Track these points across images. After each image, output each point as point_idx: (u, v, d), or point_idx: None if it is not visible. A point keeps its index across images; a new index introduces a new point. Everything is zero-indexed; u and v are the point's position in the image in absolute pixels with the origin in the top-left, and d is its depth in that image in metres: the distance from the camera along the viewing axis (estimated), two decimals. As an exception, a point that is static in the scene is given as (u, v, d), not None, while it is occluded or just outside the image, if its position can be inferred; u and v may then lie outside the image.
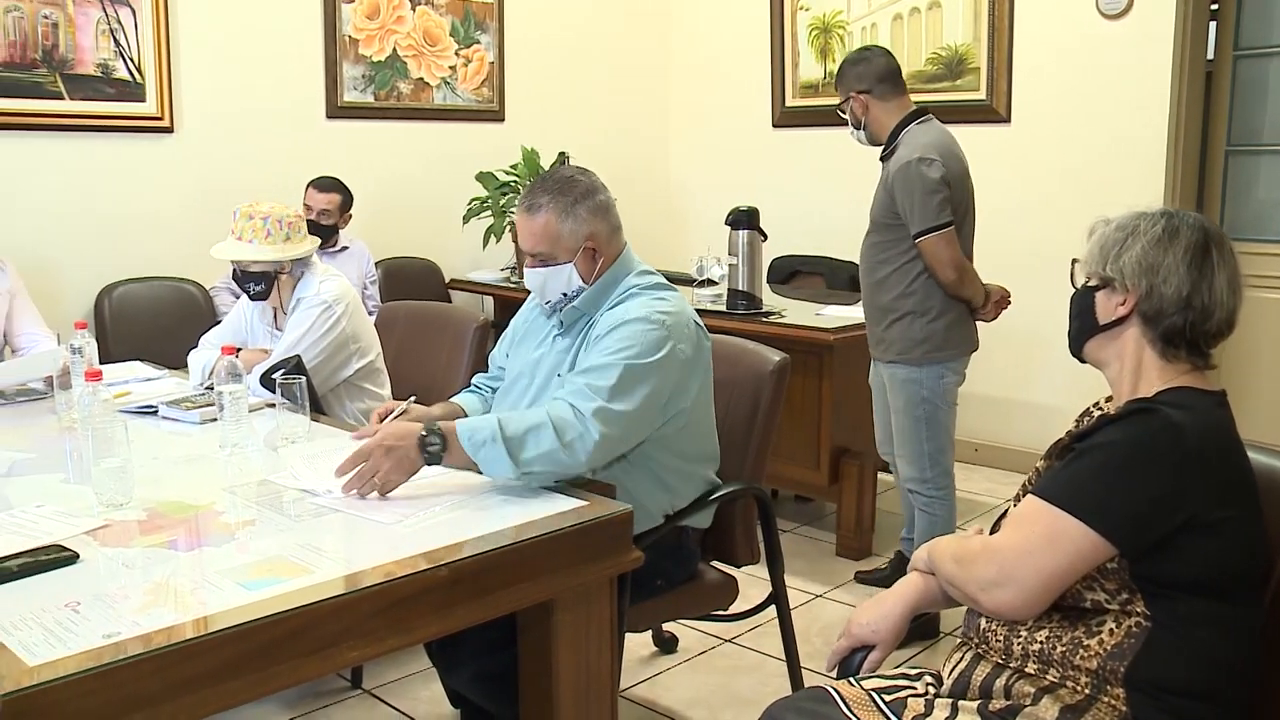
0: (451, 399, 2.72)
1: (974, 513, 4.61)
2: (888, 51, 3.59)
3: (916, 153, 3.31)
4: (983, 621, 1.77)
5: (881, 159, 3.50)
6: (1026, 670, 1.68)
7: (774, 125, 6.06)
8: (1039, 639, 1.68)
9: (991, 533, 1.82)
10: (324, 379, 3.19)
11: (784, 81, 5.97)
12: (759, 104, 6.08)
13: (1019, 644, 1.70)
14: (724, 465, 2.63)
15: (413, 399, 2.54)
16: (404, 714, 3.04)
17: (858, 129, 3.51)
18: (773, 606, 2.79)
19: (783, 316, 4.17)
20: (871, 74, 3.47)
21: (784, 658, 2.90)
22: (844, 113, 3.54)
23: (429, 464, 2.17)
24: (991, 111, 5.16)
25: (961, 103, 5.22)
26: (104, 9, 4.42)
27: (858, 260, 3.59)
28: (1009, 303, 3.66)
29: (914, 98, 3.58)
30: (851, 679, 1.84)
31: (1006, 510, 1.84)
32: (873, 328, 3.56)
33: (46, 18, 4.29)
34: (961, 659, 1.79)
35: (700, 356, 2.46)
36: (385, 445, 2.14)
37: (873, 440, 3.82)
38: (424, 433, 2.15)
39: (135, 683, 1.49)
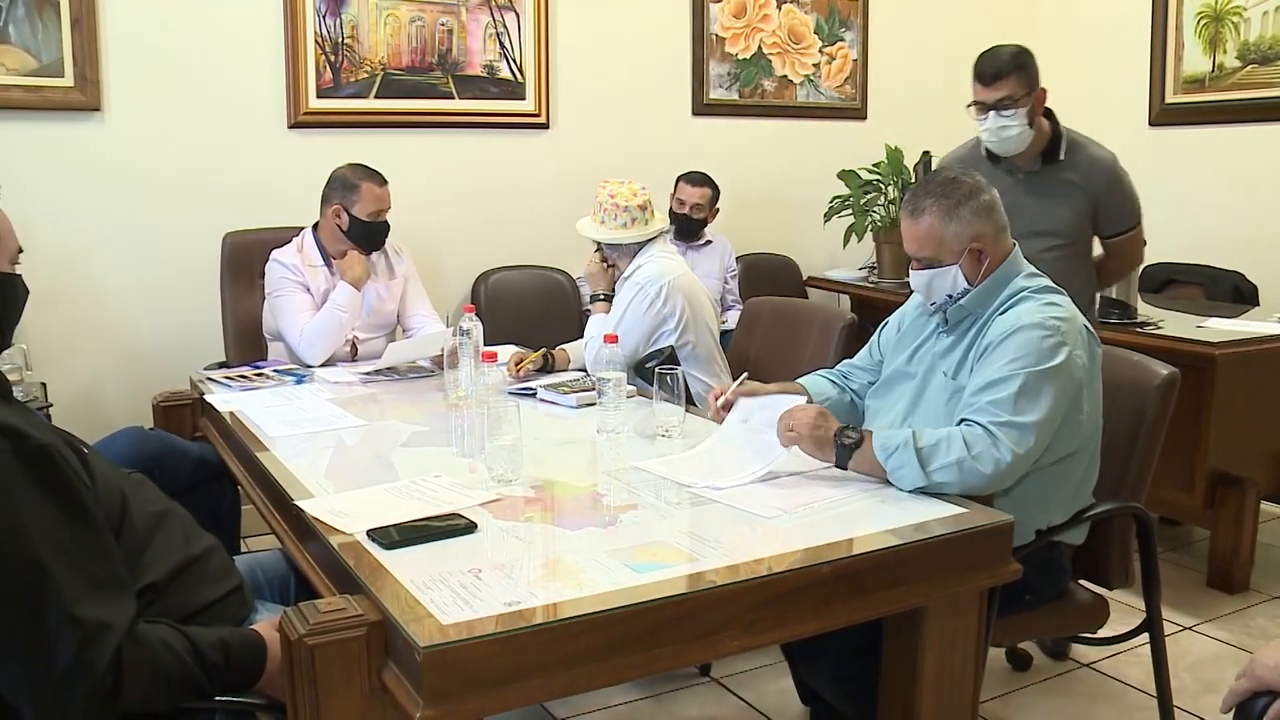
0: (798, 379, 2.73)
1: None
2: None
3: (1105, 151, 3.32)
4: None
5: (1045, 163, 3.34)
6: None
7: (1151, 123, 5.66)
8: None
9: None
10: (630, 353, 3.28)
11: (1164, 75, 5.58)
12: (1135, 100, 5.69)
13: None
14: (1100, 481, 2.50)
15: (745, 376, 2.58)
16: (751, 706, 3.07)
17: (1029, 127, 3.27)
18: (1143, 635, 2.62)
19: (1159, 328, 3.92)
20: None
21: (1149, 690, 2.73)
22: (1010, 107, 3.24)
23: (837, 459, 2.21)
24: None
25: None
26: (492, 15, 4.72)
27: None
28: None
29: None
30: (1251, 724, 1.70)
31: None
32: None
33: (443, 25, 4.63)
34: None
35: (1094, 365, 2.38)
36: (810, 420, 2.25)
37: (1258, 466, 3.51)
38: (844, 426, 2.23)
39: (533, 650, 1.57)
